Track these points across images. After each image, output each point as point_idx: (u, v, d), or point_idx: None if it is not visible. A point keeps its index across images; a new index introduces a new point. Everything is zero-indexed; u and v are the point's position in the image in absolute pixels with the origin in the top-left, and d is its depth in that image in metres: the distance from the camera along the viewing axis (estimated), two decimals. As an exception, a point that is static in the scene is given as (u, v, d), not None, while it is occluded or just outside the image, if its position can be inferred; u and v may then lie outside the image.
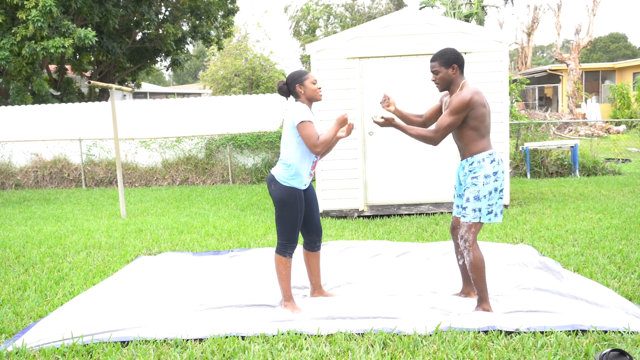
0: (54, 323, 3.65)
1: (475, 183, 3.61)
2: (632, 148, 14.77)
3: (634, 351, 2.98)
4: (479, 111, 3.55)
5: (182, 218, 7.71)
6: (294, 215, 3.68)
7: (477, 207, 3.61)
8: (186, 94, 34.30)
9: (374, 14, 29.10)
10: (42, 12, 12.70)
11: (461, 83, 3.62)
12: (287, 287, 3.79)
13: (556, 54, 22.81)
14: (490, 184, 3.59)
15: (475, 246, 3.65)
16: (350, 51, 7.29)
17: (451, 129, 3.59)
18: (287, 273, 3.77)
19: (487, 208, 3.62)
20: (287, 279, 3.78)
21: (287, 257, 3.74)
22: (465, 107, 3.52)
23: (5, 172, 12.82)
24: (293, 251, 3.77)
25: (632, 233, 5.67)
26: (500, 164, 3.63)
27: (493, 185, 3.60)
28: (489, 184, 3.59)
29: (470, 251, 3.63)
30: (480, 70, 7.20)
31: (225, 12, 19.45)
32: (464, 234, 3.67)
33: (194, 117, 13.01)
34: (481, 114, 3.56)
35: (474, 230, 3.66)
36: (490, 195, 3.60)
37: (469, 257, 3.64)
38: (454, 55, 3.61)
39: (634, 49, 52.81)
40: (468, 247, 3.64)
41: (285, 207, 3.67)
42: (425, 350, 3.09)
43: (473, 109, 3.54)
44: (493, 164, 3.60)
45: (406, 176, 7.44)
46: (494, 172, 3.60)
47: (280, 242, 3.75)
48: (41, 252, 5.84)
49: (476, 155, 3.62)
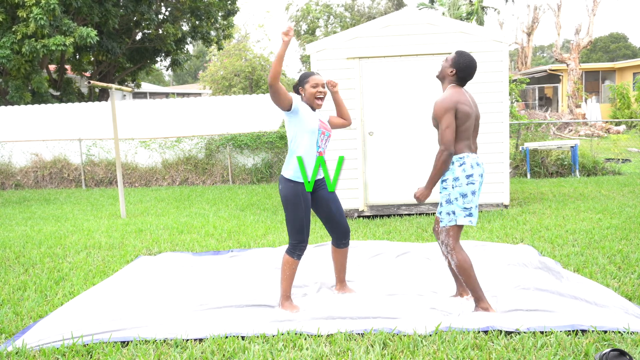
0: (54, 323, 3.65)
1: (445, 187, 3.64)
2: (632, 148, 14.77)
3: (634, 351, 2.98)
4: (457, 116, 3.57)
5: (182, 218, 7.71)
6: (298, 213, 3.68)
7: (451, 210, 3.62)
8: (186, 94, 34.30)
9: (374, 14, 29.10)
10: (44, 10, 12.70)
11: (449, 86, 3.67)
12: (288, 287, 3.81)
13: (556, 54, 22.81)
14: (463, 186, 3.58)
15: (457, 249, 3.65)
16: (350, 51, 7.29)
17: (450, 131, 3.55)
18: (291, 274, 3.78)
19: (464, 211, 3.61)
20: (289, 279, 3.79)
21: (295, 259, 3.75)
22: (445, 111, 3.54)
23: (5, 172, 12.82)
24: (302, 253, 3.76)
25: (632, 233, 5.67)
26: (475, 167, 3.61)
27: (468, 189, 3.59)
28: (461, 187, 3.59)
29: (453, 255, 3.64)
30: (480, 70, 7.19)
31: (225, 12, 19.44)
32: (444, 239, 3.67)
33: (194, 117, 13.01)
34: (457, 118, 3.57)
35: (452, 234, 3.65)
36: (464, 198, 3.59)
37: (453, 261, 3.64)
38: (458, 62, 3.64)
39: (634, 49, 52.81)
40: (450, 251, 3.65)
41: (289, 204, 3.69)
42: (425, 350, 3.09)
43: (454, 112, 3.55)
44: (463, 167, 3.58)
45: (406, 176, 7.44)
46: (467, 175, 3.58)
47: (291, 243, 3.76)
48: (41, 252, 5.84)
49: None
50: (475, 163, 3.63)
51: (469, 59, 3.65)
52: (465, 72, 3.64)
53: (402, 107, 7.36)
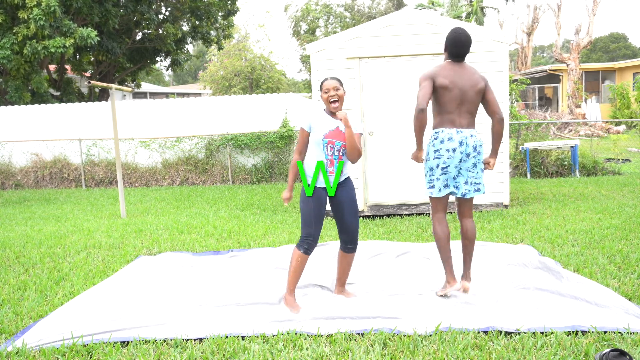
0: (54, 323, 3.64)
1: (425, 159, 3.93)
2: (632, 148, 14.77)
3: (634, 351, 2.98)
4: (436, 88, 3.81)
5: (182, 218, 7.71)
6: (307, 210, 3.80)
7: (426, 181, 3.92)
8: (186, 94, 34.31)
9: (374, 14, 29.10)
10: (45, 12, 12.71)
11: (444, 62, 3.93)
12: (292, 280, 3.86)
13: (556, 54, 22.81)
14: (430, 160, 3.86)
15: (435, 220, 3.93)
16: (350, 51, 7.29)
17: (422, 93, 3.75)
18: (297, 267, 3.82)
19: (428, 183, 3.89)
20: (294, 273, 3.84)
21: (301, 252, 3.80)
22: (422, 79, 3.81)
23: (5, 172, 12.82)
24: (308, 247, 3.80)
25: (632, 233, 5.67)
26: (445, 142, 3.79)
27: (433, 163, 3.84)
28: (428, 161, 3.87)
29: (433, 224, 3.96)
30: (480, 70, 7.19)
31: (225, 12, 19.45)
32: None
33: (194, 117, 13.00)
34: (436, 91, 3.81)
35: (431, 205, 3.96)
36: (430, 172, 3.87)
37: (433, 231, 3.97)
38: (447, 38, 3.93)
39: (634, 49, 52.81)
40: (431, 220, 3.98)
41: (301, 200, 3.85)
42: (425, 350, 3.09)
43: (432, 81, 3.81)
44: (433, 142, 3.84)
45: (406, 176, 7.44)
46: (435, 150, 3.82)
47: (301, 236, 3.86)
48: (41, 252, 5.84)
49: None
50: (447, 138, 3.79)
51: (453, 32, 3.89)
52: (452, 47, 3.87)
53: (402, 107, 7.36)
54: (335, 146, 3.81)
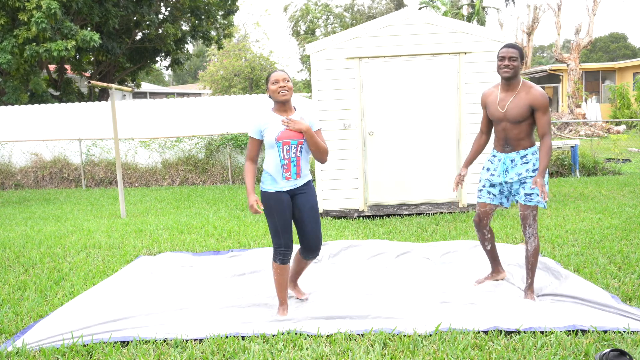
0: (54, 323, 3.65)
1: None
2: (632, 148, 14.77)
3: (634, 351, 2.98)
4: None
5: (182, 218, 7.71)
6: (271, 218, 3.67)
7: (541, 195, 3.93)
8: (186, 94, 34.28)
9: (374, 14, 29.08)
10: (46, 14, 12.70)
11: (522, 79, 3.87)
12: (280, 293, 3.73)
13: (556, 54, 22.80)
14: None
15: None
16: (350, 51, 7.29)
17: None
18: (279, 279, 3.69)
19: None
20: (279, 285, 3.71)
21: (277, 263, 3.66)
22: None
23: (5, 172, 12.81)
24: (283, 257, 3.64)
25: (632, 233, 5.67)
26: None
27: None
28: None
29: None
30: (480, 70, 7.20)
31: (225, 12, 19.44)
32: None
33: (194, 117, 13.00)
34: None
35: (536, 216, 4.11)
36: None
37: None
38: (523, 53, 3.88)
39: (634, 49, 52.81)
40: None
41: (265, 211, 3.70)
42: (425, 350, 3.09)
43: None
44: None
45: (406, 176, 7.44)
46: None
47: (273, 247, 3.75)
48: (41, 252, 5.84)
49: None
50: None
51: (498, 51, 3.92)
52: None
53: (402, 107, 7.36)
54: (291, 146, 3.57)
